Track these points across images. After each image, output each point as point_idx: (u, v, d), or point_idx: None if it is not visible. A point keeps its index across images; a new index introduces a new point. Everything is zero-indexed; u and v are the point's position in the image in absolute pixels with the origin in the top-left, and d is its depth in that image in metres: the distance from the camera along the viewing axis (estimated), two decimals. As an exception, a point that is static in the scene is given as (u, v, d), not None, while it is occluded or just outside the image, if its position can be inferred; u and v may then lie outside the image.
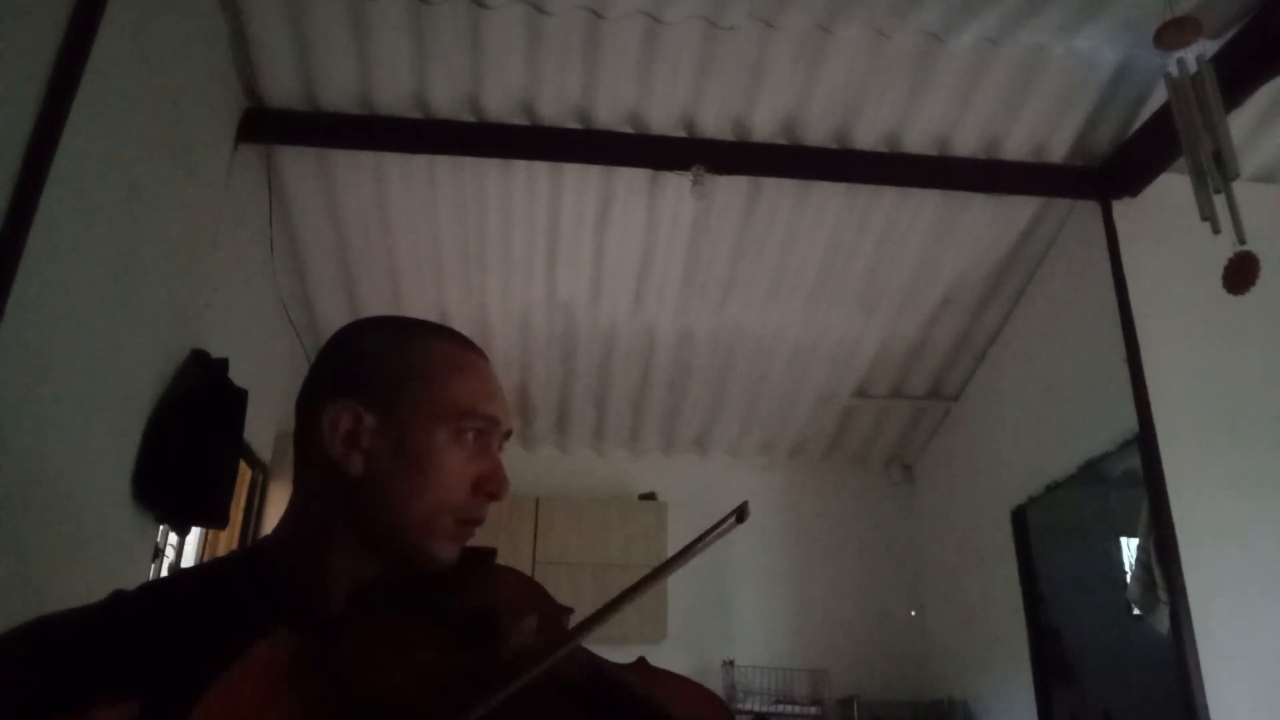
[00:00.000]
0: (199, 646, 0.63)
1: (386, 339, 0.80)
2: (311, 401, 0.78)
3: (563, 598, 0.82)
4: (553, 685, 0.66)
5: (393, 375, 0.77)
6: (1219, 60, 2.63)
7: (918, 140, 3.36)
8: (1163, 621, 3.01)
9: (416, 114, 3.22)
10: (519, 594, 0.79)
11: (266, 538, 0.81)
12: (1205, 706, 2.76)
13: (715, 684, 4.65)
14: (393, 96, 3.15)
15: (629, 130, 3.30)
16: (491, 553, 0.81)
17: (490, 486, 0.78)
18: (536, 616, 0.72)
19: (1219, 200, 2.43)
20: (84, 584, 2.17)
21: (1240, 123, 2.96)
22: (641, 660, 0.79)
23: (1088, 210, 3.53)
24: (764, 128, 3.30)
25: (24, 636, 0.68)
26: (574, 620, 0.77)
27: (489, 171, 3.48)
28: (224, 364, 2.80)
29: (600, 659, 0.76)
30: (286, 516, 0.80)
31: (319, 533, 0.77)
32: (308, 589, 0.75)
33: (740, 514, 0.71)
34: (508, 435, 0.83)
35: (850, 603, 5.07)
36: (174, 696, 0.55)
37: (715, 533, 0.71)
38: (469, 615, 0.69)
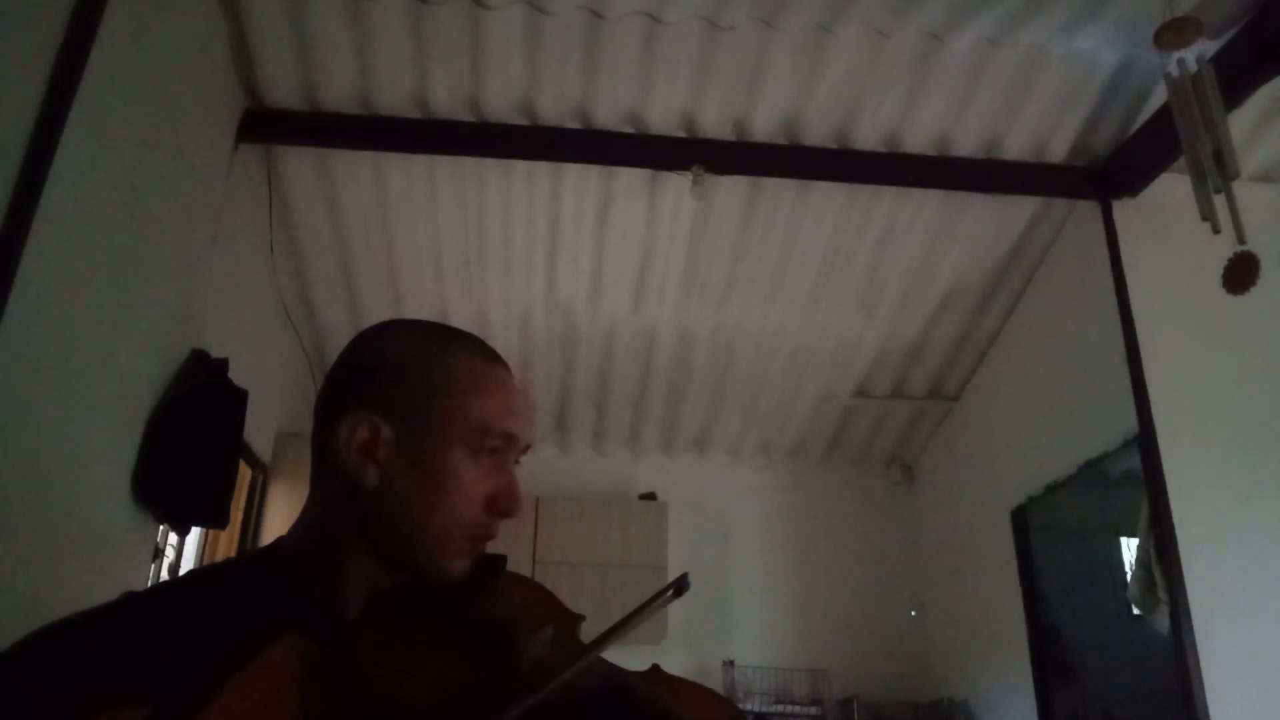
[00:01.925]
0: (211, 648, 0.63)
1: (408, 349, 0.79)
2: (330, 408, 0.78)
3: (563, 597, 0.82)
4: (569, 696, 0.65)
5: (412, 388, 0.77)
6: (1219, 60, 2.63)
7: (918, 140, 3.36)
8: (1163, 621, 3.01)
9: (416, 114, 3.22)
10: (532, 603, 0.79)
11: (281, 539, 0.81)
12: (1205, 706, 2.76)
13: (715, 684, 4.65)
14: (393, 96, 3.15)
15: (629, 130, 3.30)
16: (502, 560, 0.81)
17: (504, 505, 0.78)
18: (552, 627, 0.72)
19: (1219, 200, 2.42)
20: (84, 584, 2.17)
21: (1240, 123, 2.96)
22: (655, 668, 0.79)
23: (1088, 210, 3.53)
24: (764, 128, 3.30)
25: (37, 641, 0.68)
26: (585, 628, 0.77)
27: (489, 171, 3.48)
28: (224, 364, 2.80)
29: (616, 668, 0.76)
30: (301, 520, 0.80)
31: (333, 539, 0.77)
32: (321, 594, 0.75)
33: (679, 587, 0.71)
34: (526, 449, 0.82)
35: (850, 603, 5.07)
36: (185, 697, 0.55)
37: (655, 604, 0.70)
38: (484, 626, 0.69)
